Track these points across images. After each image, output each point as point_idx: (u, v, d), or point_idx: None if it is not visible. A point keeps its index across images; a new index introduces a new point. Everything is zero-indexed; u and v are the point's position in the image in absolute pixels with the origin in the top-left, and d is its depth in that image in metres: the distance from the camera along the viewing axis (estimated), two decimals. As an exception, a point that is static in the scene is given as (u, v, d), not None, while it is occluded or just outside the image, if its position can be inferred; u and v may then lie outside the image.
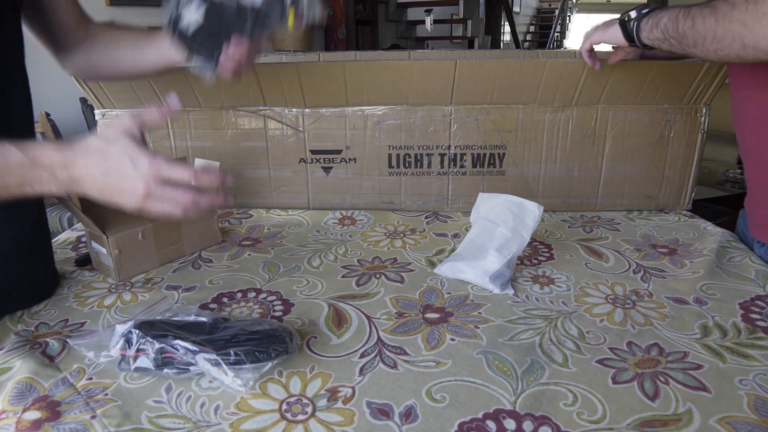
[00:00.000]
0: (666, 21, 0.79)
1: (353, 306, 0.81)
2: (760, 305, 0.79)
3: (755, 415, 0.57)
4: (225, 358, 0.61)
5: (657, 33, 0.81)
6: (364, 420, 0.58)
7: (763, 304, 0.79)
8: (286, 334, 0.67)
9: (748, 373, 0.64)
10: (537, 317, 0.77)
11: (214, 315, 0.71)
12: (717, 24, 0.70)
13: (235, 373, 0.61)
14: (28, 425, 0.56)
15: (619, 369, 0.65)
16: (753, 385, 0.62)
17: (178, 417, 0.58)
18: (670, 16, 0.78)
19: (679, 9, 0.77)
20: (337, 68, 1.07)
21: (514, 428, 0.56)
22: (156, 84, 1.11)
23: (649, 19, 0.82)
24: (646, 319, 0.76)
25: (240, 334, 0.65)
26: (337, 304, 0.81)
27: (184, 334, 0.64)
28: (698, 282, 0.86)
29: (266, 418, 0.58)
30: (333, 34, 4.53)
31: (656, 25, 0.81)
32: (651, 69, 1.05)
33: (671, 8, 0.79)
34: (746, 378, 0.63)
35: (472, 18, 6.64)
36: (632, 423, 0.57)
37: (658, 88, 1.08)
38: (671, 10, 0.79)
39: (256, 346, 0.63)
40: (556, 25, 9.00)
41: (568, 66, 1.05)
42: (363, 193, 1.21)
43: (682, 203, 1.20)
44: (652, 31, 0.82)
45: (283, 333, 0.67)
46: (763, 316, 0.76)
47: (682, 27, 0.75)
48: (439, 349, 0.70)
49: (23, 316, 0.78)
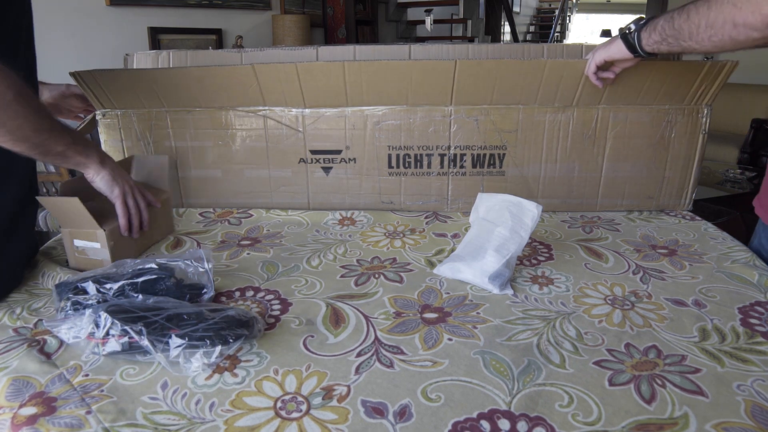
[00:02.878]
0: (662, 23, 0.83)
1: (351, 306, 0.80)
2: (760, 311, 0.78)
3: (752, 421, 0.56)
4: (193, 341, 0.65)
5: (655, 36, 0.84)
6: (358, 418, 0.58)
7: (762, 310, 0.79)
8: (249, 319, 0.70)
9: (746, 379, 0.63)
10: (535, 317, 0.77)
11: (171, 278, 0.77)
12: (709, 10, 0.73)
13: (201, 354, 0.64)
14: (23, 420, 0.57)
15: (616, 371, 0.65)
16: (751, 392, 0.61)
17: (173, 413, 0.59)
18: (665, 18, 0.82)
19: (674, 9, 0.80)
20: (337, 67, 1.06)
21: (509, 428, 0.56)
22: (156, 85, 1.11)
23: (647, 26, 0.87)
24: (644, 320, 0.76)
25: (204, 316, 0.68)
26: (335, 303, 0.81)
27: (150, 315, 0.66)
28: (698, 285, 0.86)
29: (261, 415, 0.58)
30: (333, 34, 4.53)
31: (654, 29, 0.85)
32: (652, 71, 1.04)
33: (666, 12, 0.83)
34: (744, 384, 0.62)
35: (472, 18, 6.64)
36: (627, 426, 0.56)
37: (660, 89, 1.08)
38: (666, 13, 0.83)
39: (222, 328, 0.67)
40: (556, 25, 9.00)
41: (568, 66, 1.05)
42: (363, 194, 1.21)
43: (682, 204, 1.20)
44: (651, 36, 0.86)
45: (247, 318, 0.70)
46: (762, 321, 0.76)
47: (678, 22, 0.79)
48: (436, 349, 0.70)
49: (22, 313, 0.78)
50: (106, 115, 1.18)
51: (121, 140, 1.19)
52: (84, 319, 0.67)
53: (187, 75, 1.10)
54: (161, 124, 1.17)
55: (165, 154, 1.13)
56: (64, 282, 0.77)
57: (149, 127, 1.18)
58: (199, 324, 0.66)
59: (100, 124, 1.19)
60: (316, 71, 1.07)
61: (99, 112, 1.18)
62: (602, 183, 1.18)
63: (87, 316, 0.67)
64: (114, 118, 1.18)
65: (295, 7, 4.04)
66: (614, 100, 1.10)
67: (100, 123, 1.19)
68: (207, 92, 1.12)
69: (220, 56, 1.22)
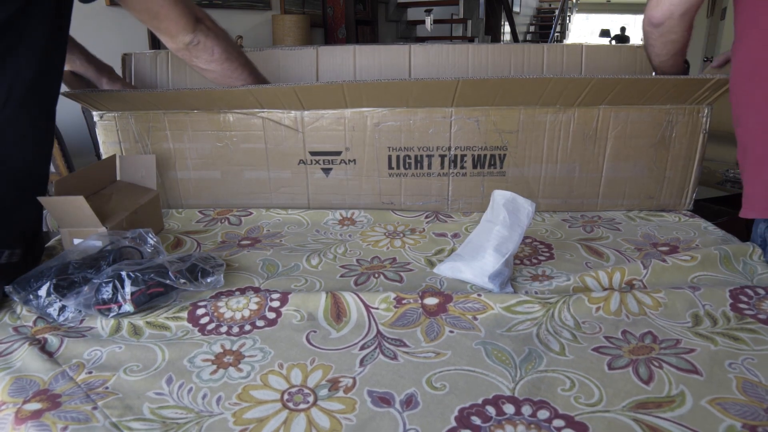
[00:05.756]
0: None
1: (353, 294, 0.80)
2: (749, 294, 0.80)
3: (744, 396, 0.60)
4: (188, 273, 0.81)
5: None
6: (366, 408, 0.59)
7: (751, 293, 0.80)
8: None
9: (737, 357, 0.66)
10: (536, 303, 0.77)
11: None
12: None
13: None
14: (28, 415, 0.57)
15: (615, 356, 0.67)
16: (741, 369, 0.64)
17: (180, 408, 0.59)
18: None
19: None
20: (336, 88, 1.05)
21: (513, 412, 0.58)
22: (153, 99, 1.11)
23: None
24: (640, 307, 0.78)
25: (171, 261, 0.82)
26: (336, 293, 0.81)
27: (135, 267, 0.78)
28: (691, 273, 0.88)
29: (268, 407, 0.59)
30: (333, 34, 4.53)
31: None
32: (658, 82, 1.04)
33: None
34: (735, 362, 0.66)
35: (472, 18, 6.63)
36: (628, 405, 0.59)
37: (663, 95, 1.07)
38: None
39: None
40: (556, 25, 8.99)
41: (572, 82, 1.03)
42: (363, 194, 1.21)
43: (683, 204, 1.20)
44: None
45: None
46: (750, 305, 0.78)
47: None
48: (438, 341, 0.71)
49: (22, 311, 0.78)
50: (103, 117, 1.18)
51: (119, 142, 1.19)
52: (84, 292, 0.73)
53: (183, 94, 1.10)
54: (159, 125, 1.17)
55: (153, 154, 1.14)
56: (19, 280, 0.78)
57: (147, 128, 1.18)
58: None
59: (98, 125, 1.19)
60: (315, 91, 1.07)
61: (96, 114, 1.18)
62: (603, 183, 1.18)
63: (89, 287, 0.74)
64: (111, 119, 1.18)
65: (295, 7, 4.04)
66: (616, 102, 1.10)
67: (97, 125, 1.19)
68: (204, 101, 1.12)
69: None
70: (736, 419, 0.56)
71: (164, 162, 1.20)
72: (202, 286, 0.82)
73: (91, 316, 0.76)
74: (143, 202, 1.05)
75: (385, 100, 1.10)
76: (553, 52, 1.25)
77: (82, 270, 0.79)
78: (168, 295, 0.82)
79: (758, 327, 0.72)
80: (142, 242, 0.88)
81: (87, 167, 1.06)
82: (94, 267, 0.80)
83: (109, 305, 0.74)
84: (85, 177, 1.03)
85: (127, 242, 0.86)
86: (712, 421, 0.56)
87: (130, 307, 0.75)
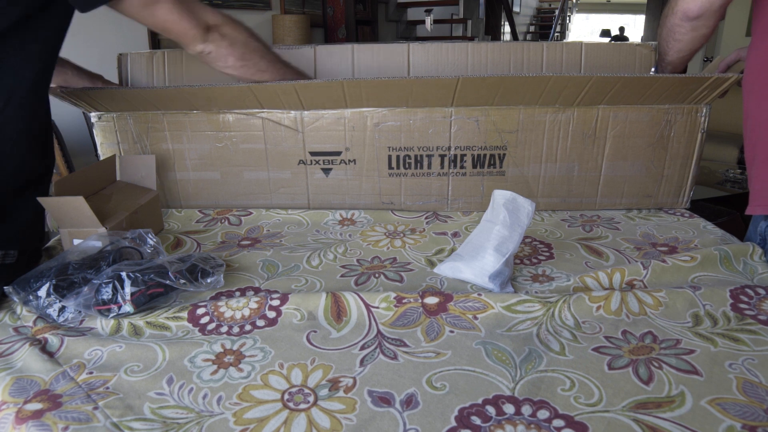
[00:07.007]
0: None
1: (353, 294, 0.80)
2: (749, 294, 0.80)
3: (744, 396, 0.60)
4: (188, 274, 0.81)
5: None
6: (366, 408, 0.59)
7: (752, 293, 0.80)
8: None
9: (737, 358, 0.66)
10: (536, 302, 0.77)
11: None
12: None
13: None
14: (29, 415, 0.57)
15: (615, 356, 0.67)
16: (742, 369, 0.64)
17: (181, 408, 0.59)
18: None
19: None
20: (336, 85, 1.05)
21: (513, 412, 0.58)
22: (150, 97, 1.11)
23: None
24: (640, 307, 0.78)
25: (171, 261, 0.82)
26: (337, 292, 0.81)
27: (134, 268, 0.78)
28: (692, 273, 0.87)
29: (269, 407, 0.59)
30: (333, 34, 4.53)
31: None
32: (656, 81, 1.04)
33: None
34: (735, 362, 0.66)
35: (472, 18, 6.63)
36: (627, 405, 0.59)
37: (661, 94, 1.08)
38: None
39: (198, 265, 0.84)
40: (556, 25, 8.99)
41: (572, 80, 1.04)
42: (363, 194, 1.21)
43: (680, 202, 1.20)
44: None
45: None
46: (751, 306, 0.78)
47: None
48: (438, 341, 0.71)
49: (22, 312, 0.78)
50: (101, 118, 1.17)
51: (118, 143, 1.19)
52: (84, 293, 0.73)
53: (181, 92, 1.09)
54: (158, 126, 1.17)
55: (152, 154, 1.14)
56: (19, 280, 0.79)
57: (146, 129, 1.18)
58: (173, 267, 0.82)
59: (96, 126, 1.18)
60: (314, 89, 1.07)
61: (94, 115, 1.18)
62: (602, 182, 1.18)
63: (89, 287, 0.73)
64: (110, 120, 1.17)
65: (295, 7, 4.04)
66: (615, 101, 1.10)
67: (95, 125, 1.18)
68: (203, 100, 1.12)
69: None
70: (736, 420, 0.56)
71: (163, 163, 1.20)
72: (202, 287, 0.82)
73: (91, 317, 0.76)
74: (143, 202, 1.05)
75: (385, 99, 1.10)
76: (552, 51, 1.25)
77: (82, 270, 0.79)
78: (168, 296, 0.82)
79: (758, 328, 0.72)
80: (142, 242, 0.88)
81: (87, 167, 1.06)
82: (93, 267, 0.79)
83: (109, 306, 0.74)
84: (84, 177, 1.03)
85: (126, 243, 0.86)
86: (712, 421, 0.57)
87: (130, 308, 0.75)
